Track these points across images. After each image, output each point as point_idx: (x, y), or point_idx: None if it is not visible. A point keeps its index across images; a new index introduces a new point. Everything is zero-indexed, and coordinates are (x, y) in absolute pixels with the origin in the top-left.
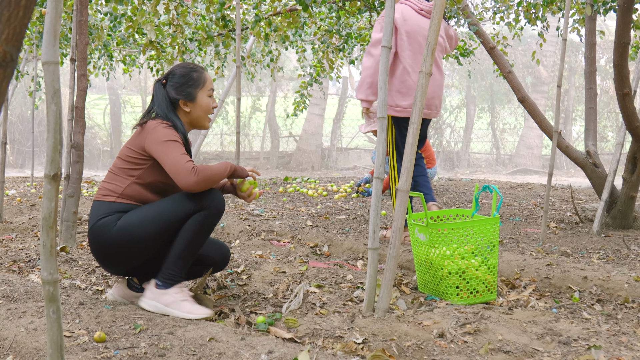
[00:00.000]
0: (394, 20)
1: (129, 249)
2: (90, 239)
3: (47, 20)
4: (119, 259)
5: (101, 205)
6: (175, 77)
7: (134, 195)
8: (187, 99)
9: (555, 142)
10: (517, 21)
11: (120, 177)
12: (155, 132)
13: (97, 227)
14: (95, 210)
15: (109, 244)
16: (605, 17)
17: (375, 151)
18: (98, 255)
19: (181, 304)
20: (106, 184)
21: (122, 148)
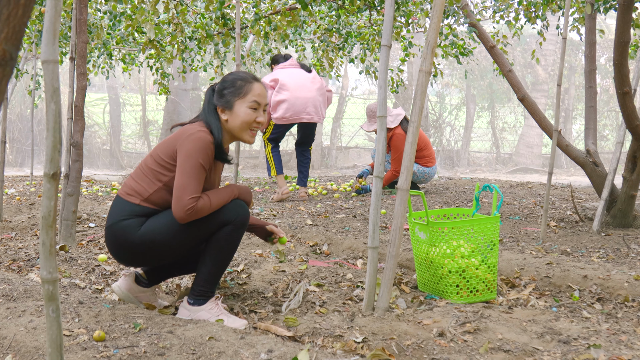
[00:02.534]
0: (393, 18)
1: (150, 253)
2: (109, 236)
3: (47, 18)
4: (137, 260)
5: (125, 205)
6: (221, 82)
7: (158, 202)
8: (225, 107)
9: (555, 141)
10: (517, 20)
11: (149, 180)
12: (189, 142)
13: (118, 227)
14: (118, 208)
15: (129, 246)
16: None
17: (375, 150)
18: (116, 253)
19: (219, 317)
20: (134, 182)
21: (159, 146)
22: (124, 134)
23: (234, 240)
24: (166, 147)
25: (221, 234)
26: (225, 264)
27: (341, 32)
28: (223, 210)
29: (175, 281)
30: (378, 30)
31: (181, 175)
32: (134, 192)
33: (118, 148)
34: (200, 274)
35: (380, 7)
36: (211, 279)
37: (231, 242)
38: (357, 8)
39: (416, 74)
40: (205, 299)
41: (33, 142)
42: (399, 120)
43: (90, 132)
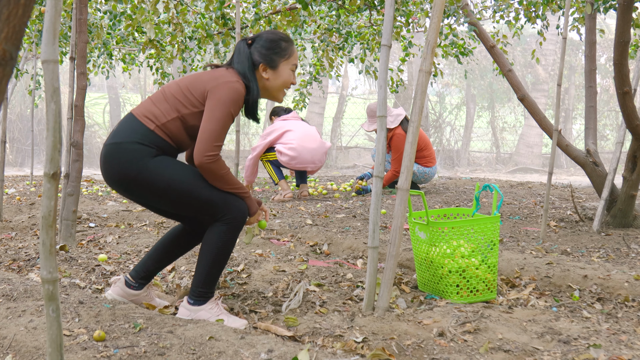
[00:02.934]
0: (393, 18)
1: (149, 188)
2: (113, 153)
3: (47, 18)
4: (130, 189)
5: (138, 126)
6: (262, 41)
7: (172, 131)
8: (269, 65)
9: (555, 141)
10: (517, 20)
11: (169, 107)
12: (223, 88)
13: (129, 148)
14: (131, 128)
15: (132, 171)
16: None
17: (375, 150)
18: (112, 174)
19: (219, 317)
20: (152, 105)
21: (188, 78)
22: None
23: (229, 241)
24: (197, 82)
25: (218, 233)
26: (221, 264)
27: (341, 32)
28: (227, 201)
29: (176, 281)
30: (378, 30)
31: (211, 120)
32: (151, 116)
33: None
34: (197, 275)
35: (380, 7)
36: (209, 279)
37: (227, 242)
38: (357, 8)
39: (416, 74)
40: (205, 299)
41: (33, 142)
42: (399, 120)
43: (90, 132)
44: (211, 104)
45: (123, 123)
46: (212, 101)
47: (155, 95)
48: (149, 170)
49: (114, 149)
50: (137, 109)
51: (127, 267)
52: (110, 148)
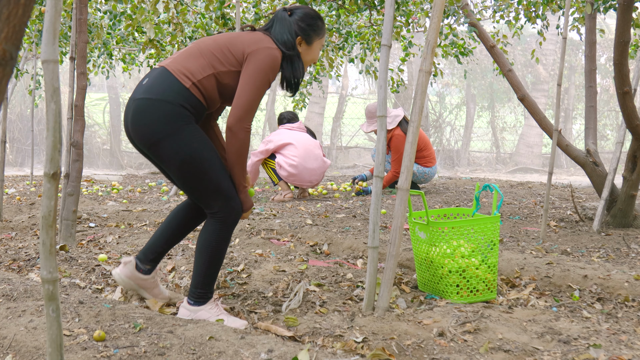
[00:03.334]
0: (393, 18)
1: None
2: (146, 108)
3: (47, 18)
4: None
5: (175, 83)
6: (301, 14)
7: (207, 88)
8: (305, 40)
9: (555, 141)
10: (517, 20)
11: (204, 63)
12: (266, 55)
13: (163, 107)
14: (167, 85)
15: (160, 134)
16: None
17: (375, 149)
18: (141, 127)
19: (218, 317)
20: (188, 61)
21: (226, 36)
22: (124, 133)
23: (223, 239)
24: (235, 42)
25: (210, 233)
26: (218, 264)
27: (341, 32)
28: (227, 198)
29: (176, 281)
30: (378, 30)
31: (250, 87)
32: (187, 72)
33: (118, 148)
34: (195, 277)
35: (380, 6)
36: (207, 280)
37: (220, 241)
38: (357, 8)
39: (416, 73)
40: (205, 300)
41: (33, 141)
42: (397, 121)
43: (90, 132)
44: (251, 69)
45: (157, 77)
46: (251, 66)
47: (189, 49)
48: (177, 137)
49: (147, 104)
50: (171, 63)
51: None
52: (141, 103)
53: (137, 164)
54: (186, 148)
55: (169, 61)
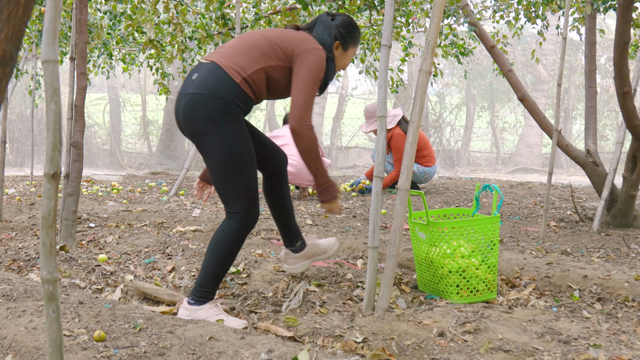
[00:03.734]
0: (393, 18)
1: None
2: (197, 103)
3: (47, 18)
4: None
5: (226, 79)
6: (342, 21)
7: (256, 82)
8: (342, 45)
9: (555, 141)
10: (517, 20)
11: (255, 56)
12: (316, 56)
13: (213, 102)
14: (218, 80)
15: (208, 128)
16: (605, 16)
17: (375, 150)
18: (192, 121)
19: (217, 317)
20: (238, 56)
21: (275, 32)
22: (124, 134)
23: (238, 241)
24: (286, 39)
25: (228, 232)
26: (228, 264)
27: None
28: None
29: (176, 281)
30: (378, 30)
31: (305, 87)
32: (238, 67)
33: (118, 148)
34: (203, 275)
35: (380, 7)
36: (214, 280)
37: (235, 243)
38: (357, 8)
39: (416, 74)
40: (206, 300)
41: (33, 142)
42: (396, 121)
43: (90, 132)
44: (303, 70)
45: (208, 72)
46: (303, 67)
47: (239, 43)
48: (222, 132)
49: (198, 99)
50: (221, 58)
51: (127, 267)
52: (193, 97)
53: (137, 164)
54: (229, 143)
55: (218, 55)
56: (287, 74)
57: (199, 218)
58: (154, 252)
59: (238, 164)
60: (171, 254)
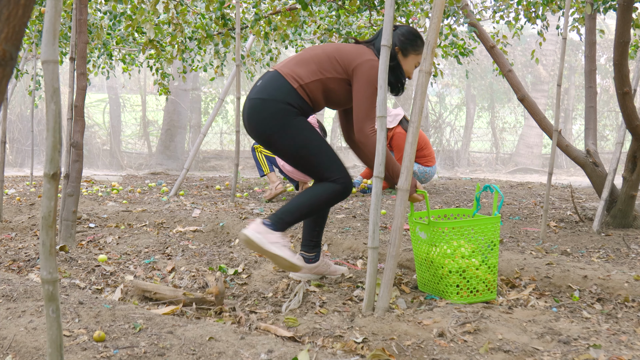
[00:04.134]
0: (393, 18)
1: (280, 144)
2: (258, 108)
3: (47, 19)
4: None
5: (284, 85)
6: (404, 30)
7: (312, 91)
8: (402, 51)
9: (555, 141)
10: (517, 20)
11: (313, 69)
12: (372, 69)
13: (273, 106)
14: (277, 85)
15: (272, 129)
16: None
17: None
18: (257, 124)
19: (283, 248)
20: (297, 66)
21: (331, 46)
22: (124, 134)
23: (332, 199)
24: (344, 54)
25: (328, 186)
26: (312, 211)
27: (341, 32)
28: (343, 169)
29: (175, 281)
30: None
31: (366, 97)
32: (296, 75)
33: (118, 148)
34: (288, 207)
35: (380, 7)
36: (296, 215)
37: (329, 199)
38: (357, 8)
39: (416, 74)
40: (280, 229)
41: (33, 142)
42: (397, 120)
43: (90, 133)
44: (360, 82)
45: (269, 80)
46: (361, 80)
47: (301, 56)
48: (287, 130)
49: (259, 104)
50: (283, 67)
51: (126, 267)
52: (255, 102)
53: (137, 164)
54: (298, 137)
55: (281, 65)
56: (345, 85)
57: (199, 218)
58: (154, 252)
59: (315, 150)
60: (171, 254)
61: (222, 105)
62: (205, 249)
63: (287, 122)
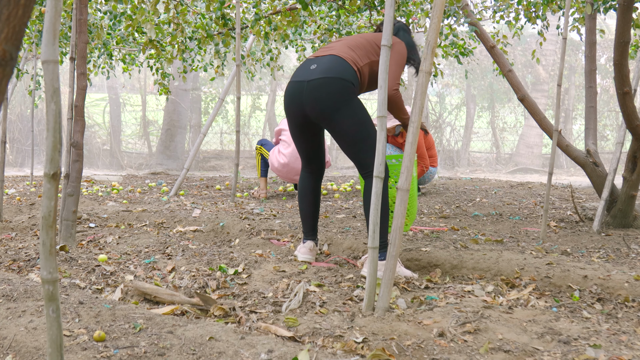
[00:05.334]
0: (393, 18)
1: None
2: (327, 85)
3: (47, 18)
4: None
5: (346, 66)
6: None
7: (364, 73)
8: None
9: (556, 141)
10: (517, 20)
11: (364, 53)
12: (400, 46)
13: (340, 84)
14: (341, 67)
15: (338, 104)
16: (606, 16)
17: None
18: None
19: (400, 267)
20: (352, 51)
21: (369, 34)
22: (124, 134)
23: (385, 193)
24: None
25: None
26: (387, 216)
27: (341, 32)
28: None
29: (175, 281)
30: None
31: (396, 66)
32: (353, 59)
33: (118, 148)
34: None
35: (380, 7)
36: (383, 231)
37: (385, 195)
38: (357, 8)
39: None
40: (384, 251)
41: (33, 142)
42: None
43: (90, 132)
44: (394, 56)
45: (332, 62)
46: (394, 54)
47: (348, 43)
48: (352, 105)
49: (326, 82)
50: (339, 52)
51: (127, 267)
52: (321, 81)
53: (137, 164)
54: (360, 113)
55: (334, 51)
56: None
57: (199, 218)
58: (154, 252)
59: (369, 129)
60: (171, 254)
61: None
62: (206, 248)
63: (352, 99)
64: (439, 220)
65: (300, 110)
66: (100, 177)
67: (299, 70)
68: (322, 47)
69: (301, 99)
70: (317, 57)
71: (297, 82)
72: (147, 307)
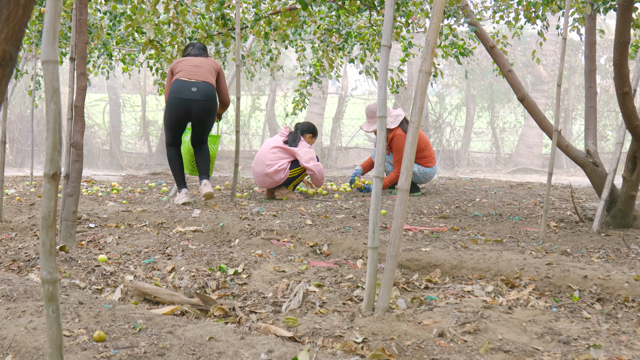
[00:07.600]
0: (393, 19)
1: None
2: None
3: (47, 19)
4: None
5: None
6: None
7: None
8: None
9: (555, 141)
10: (517, 20)
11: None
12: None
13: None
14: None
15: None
16: (605, 16)
17: (375, 150)
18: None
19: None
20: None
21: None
22: (124, 134)
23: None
24: None
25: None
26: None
27: (341, 33)
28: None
29: (175, 282)
30: (378, 31)
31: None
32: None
33: (118, 148)
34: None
35: (380, 7)
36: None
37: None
38: (357, 8)
39: (416, 74)
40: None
41: (33, 142)
42: (398, 121)
43: (90, 133)
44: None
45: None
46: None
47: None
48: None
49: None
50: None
51: (126, 267)
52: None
53: (137, 164)
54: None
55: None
56: None
57: (199, 218)
58: (154, 252)
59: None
60: (171, 254)
61: None
62: (205, 249)
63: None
64: (438, 220)
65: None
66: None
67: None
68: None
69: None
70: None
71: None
72: (147, 307)
